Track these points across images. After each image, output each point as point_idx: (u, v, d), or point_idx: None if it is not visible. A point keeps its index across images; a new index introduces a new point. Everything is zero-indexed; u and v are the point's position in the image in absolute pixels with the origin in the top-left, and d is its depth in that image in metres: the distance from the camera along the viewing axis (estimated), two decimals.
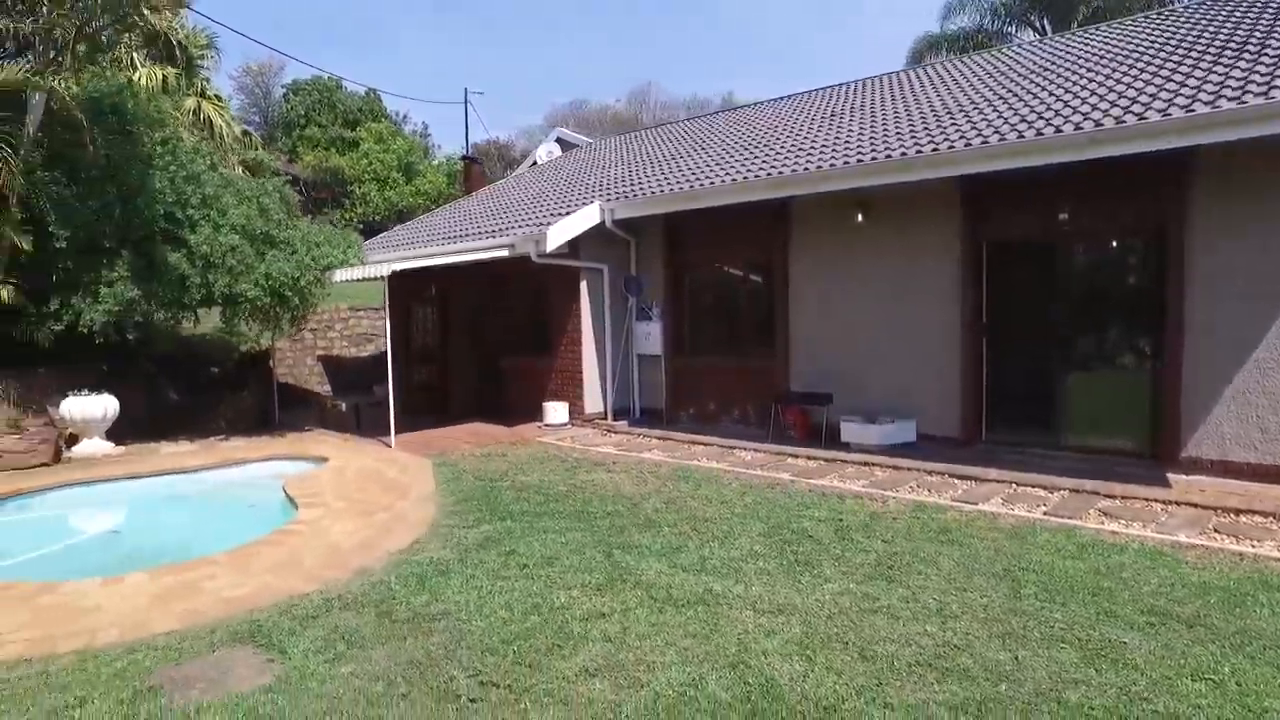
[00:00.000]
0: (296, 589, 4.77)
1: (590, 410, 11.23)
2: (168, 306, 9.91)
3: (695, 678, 3.52)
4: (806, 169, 8.83)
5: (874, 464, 7.85)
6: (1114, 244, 8.05)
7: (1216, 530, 5.57)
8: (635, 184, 11.62)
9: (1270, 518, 5.76)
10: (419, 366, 14.91)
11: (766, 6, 65.75)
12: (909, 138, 8.61)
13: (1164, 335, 7.28)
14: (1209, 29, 8.96)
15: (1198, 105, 6.33)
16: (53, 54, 9.84)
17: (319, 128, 33.12)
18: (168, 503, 8.07)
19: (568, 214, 10.60)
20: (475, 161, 22.16)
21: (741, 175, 9.73)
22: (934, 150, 7.73)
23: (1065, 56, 10.21)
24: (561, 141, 19.81)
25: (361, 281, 11.79)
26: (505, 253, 10.59)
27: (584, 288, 11.16)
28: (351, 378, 15.64)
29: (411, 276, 11.91)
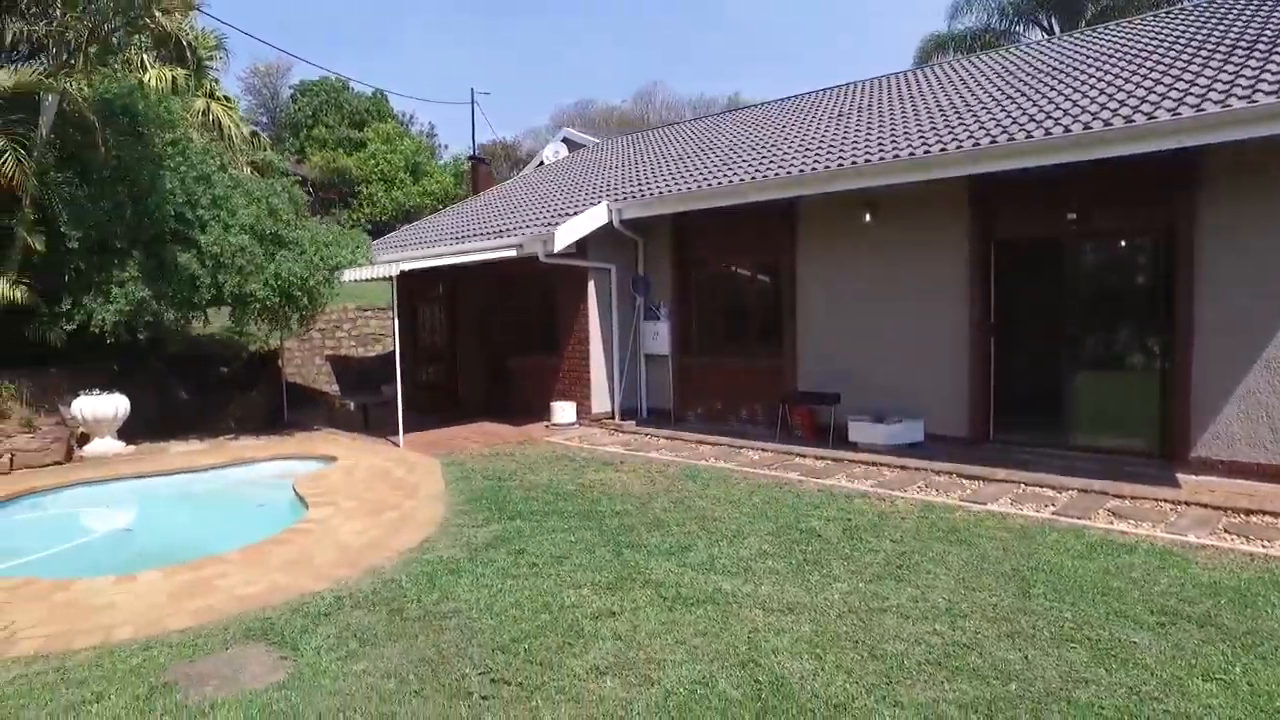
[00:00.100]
0: (308, 587, 4.80)
1: (598, 410, 11.24)
2: (178, 306, 10.02)
3: (706, 676, 3.53)
4: (815, 169, 8.83)
5: (882, 464, 7.85)
6: (1123, 243, 8.02)
7: (1227, 530, 5.55)
8: (642, 184, 11.63)
9: None
10: (427, 366, 14.98)
11: (772, 7, 65.76)
12: (917, 137, 8.61)
13: (1173, 334, 7.25)
14: (1218, 28, 8.92)
15: (1208, 104, 6.31)
16: (65, 56, 9.92)
17: (326, 128, 33.25)
18: (178, 501, 8.13)
19: (575, 214, 10.61)
20: (482, 162, 22.21)
21: (750, 175, 9.73)
22: (942, 150, 7.72)
23: (1074, 56, 10.18)
24: (568, 141, 19.83)
25: (369, 282, 11.85)
26: (513, 253, 10.61)
27: (591, 288, 11.18)
28: (359, 377, 15.74)
29: (419, 276, 11.98)
